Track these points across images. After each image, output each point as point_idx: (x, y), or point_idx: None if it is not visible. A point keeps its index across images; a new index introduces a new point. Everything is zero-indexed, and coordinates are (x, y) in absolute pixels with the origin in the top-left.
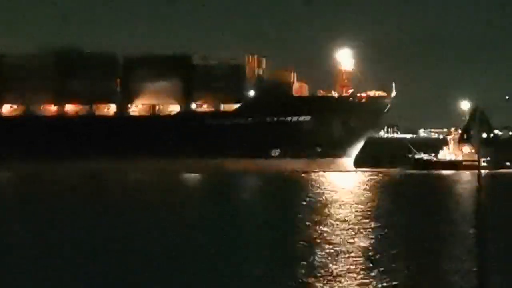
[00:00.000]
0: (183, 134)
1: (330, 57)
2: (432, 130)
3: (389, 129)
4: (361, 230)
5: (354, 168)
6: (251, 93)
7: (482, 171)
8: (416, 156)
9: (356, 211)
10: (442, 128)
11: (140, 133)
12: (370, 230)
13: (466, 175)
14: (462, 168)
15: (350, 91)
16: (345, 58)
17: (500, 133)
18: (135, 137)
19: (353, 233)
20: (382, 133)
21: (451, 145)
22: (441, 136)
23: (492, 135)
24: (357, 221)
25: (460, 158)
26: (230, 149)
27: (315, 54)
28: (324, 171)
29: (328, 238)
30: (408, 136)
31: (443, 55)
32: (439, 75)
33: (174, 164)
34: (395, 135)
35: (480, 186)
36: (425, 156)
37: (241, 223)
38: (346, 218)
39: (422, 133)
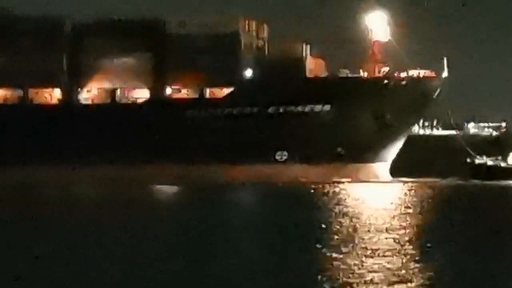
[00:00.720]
0: (154, 129)
1: (357, 23)
2: (485, 124)
3: (426, 123)
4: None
5: (390, 178)
6: (248, 73)
7: None
8: (477, 161)
9: (399, 250)
10: (500, 121)
11: (94, 128)
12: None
13: None
14: None
15: (385, 70)
16: (377, 25)
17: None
18: (87, 134)
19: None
20: (417, 129)
21: None
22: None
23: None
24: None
25: None
26: (219, 151)
27: (335, 19)
28: (349, 182)
29: None
30: (456, 132)
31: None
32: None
33: (141, 171)
34: (438, 132)
35: None
36: (490, 161)
37: (228, 264)
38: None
39: (472, 128)
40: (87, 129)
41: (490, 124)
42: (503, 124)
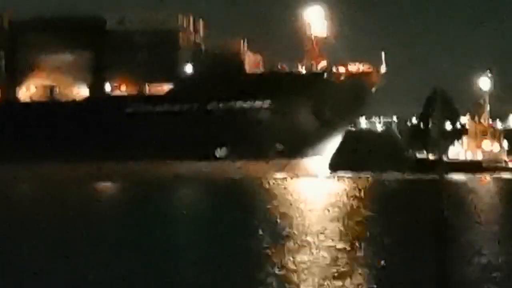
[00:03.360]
0: (93, 126)
1: (294, 18)
2: (377, 119)
3: (371, 118)
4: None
5: (329, 173)
6: (188, 69)
7: (510, 175)
8: (418, 156)
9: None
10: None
11: (32, 126)
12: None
13: (487, 181)
14: (481, 171)
15: (323, 65)
16: (315, 20)
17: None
18: (25, 132)
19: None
20: (362, 124)
21: (465, 139)
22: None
23: (459, 125)
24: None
25: (478, 157)
26: (159, 148)
27: (272, 15)
28: (288, 178)
29: None
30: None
31: (452, 12)
32: (447, 40)
33: (80, 169)
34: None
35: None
36: (431, 155)
37: (169, 260)
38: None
39: (363, 123)
40: (26, 127)
41: (382, 120)
42: (395, 119)
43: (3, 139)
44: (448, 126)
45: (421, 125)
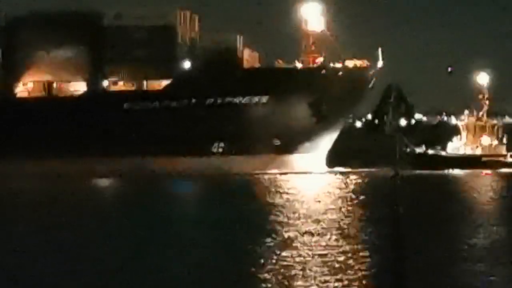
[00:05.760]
0: (91, 122)
1: (291, 14)
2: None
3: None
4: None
5: (326, 168)
6: (186, 65)
7: (509, 170)
8: (418, 151)
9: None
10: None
11: (30, 122)
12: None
13: (485, 176)
14: (480, 166)
15: (320, 60)
16: (312, 15)
17: (424, 119)
18: (23, 128)
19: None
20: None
21: (464, 134)
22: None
23: (413, 121)
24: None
25: (478, 152)
26: (157, 143)
27: (269, 10)
28: (285, 173)
29: None
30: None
31: (449, 11)
32: (443, 38)
33: (79, 165)
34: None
35: None
36: (430, 151)
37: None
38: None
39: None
40: (24, 123)
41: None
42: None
43: (1, 135)
44: (403, 121)
45: (376, 121)
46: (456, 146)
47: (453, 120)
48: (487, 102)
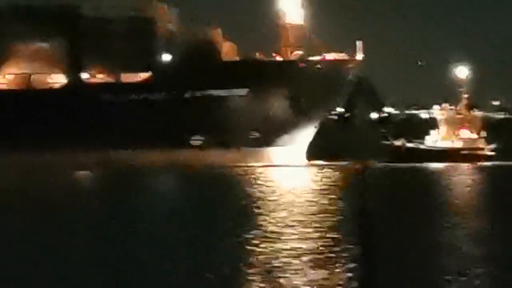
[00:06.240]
0: (70, 115)
1: (270, 7)
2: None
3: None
4: None
5: (306, 162)
6: (165, 57)
7: (488, 162)
8: (396, 143)
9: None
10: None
11: (8, 114)
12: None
13: (464, 169)
14: (459, 159)
15: (299, 53)
16: (291, 8)
17: (395, 112)
18: (1, 120)
19: None
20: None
21: (443, 127)
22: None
23: (384, 114)
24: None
25: (456, 145)
26: (135, 136)
27: (247, 3)
28: (264, 166)
29: None
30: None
31: (429, 3)
32: (424, 30)
33: (56, 157)
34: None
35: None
36: (408, 144)
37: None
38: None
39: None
40: (2, 115)
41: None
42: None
43: None
44: (372, 114)
45: (345, 114)
46: (435, 139)
47: (425, 114)
48: (465, 95)
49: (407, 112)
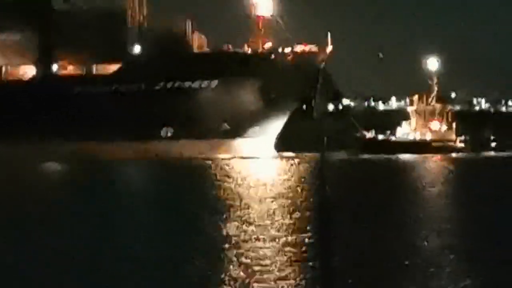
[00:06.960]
0: (40, 107)
1: None
2: None
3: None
4: None
5: (275, 153)
6: (135, 49)
7: (458, 154)
8: (367, 136)
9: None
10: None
11: None
12: None
13: (435, 161)
14: (430, 151)
15: (269, 45)
16: (261, 0)
17: (353, 104)
18: None
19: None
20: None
21: (413, 119)
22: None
23: (341, 106)
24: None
25: (427, 137)
26: (106, 128)
27: None
28: (233, 158)
29: None
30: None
31: None
32: (393, 21)
33: (27, 149)
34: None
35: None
36: (380, 136)
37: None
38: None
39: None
40: None
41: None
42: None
43: None
44: (330, 106)
45: (304, 106)
46: (406, 131)
47: (382, 106)
48: (436, 87)
49: (365, 104)
